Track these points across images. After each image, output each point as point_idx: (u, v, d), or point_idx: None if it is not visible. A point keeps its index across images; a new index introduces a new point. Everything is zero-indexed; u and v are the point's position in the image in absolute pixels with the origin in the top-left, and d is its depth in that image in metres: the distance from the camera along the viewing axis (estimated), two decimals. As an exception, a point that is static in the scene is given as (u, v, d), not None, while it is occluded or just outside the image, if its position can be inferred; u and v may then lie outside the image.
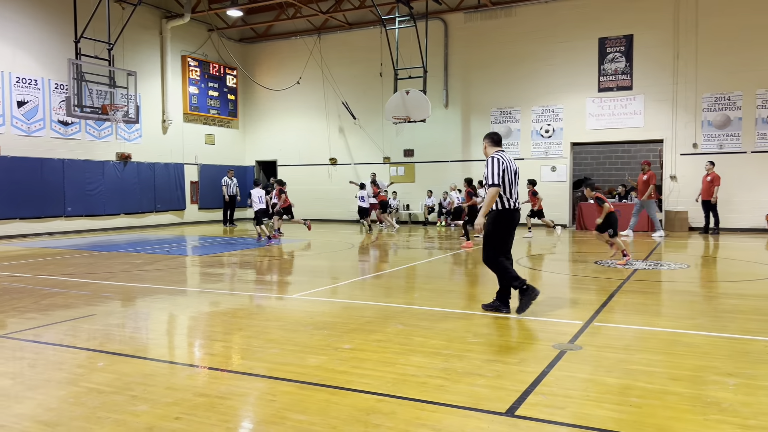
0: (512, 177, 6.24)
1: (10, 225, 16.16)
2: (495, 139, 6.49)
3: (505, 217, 6.21)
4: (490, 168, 6.18)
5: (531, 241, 14.50)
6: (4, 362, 4.68)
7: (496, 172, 6.12)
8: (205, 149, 22.32)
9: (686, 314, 6.24)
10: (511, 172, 6.24)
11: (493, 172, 6.13)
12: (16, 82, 16.26)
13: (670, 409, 3.58)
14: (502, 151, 6.39)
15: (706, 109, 17.09)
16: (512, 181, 6.24)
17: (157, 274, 9.42)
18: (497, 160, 6.17)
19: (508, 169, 6.21)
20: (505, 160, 6.24)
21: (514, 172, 6.30)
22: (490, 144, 6.46)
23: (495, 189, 6.11)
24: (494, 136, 6.50)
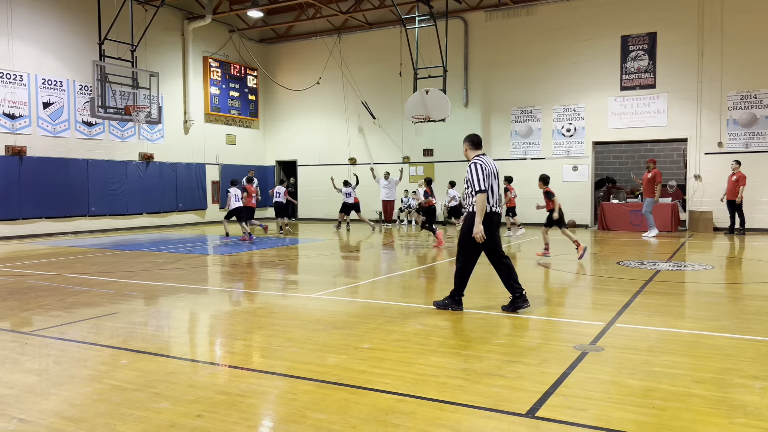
0: (493, 181, 6.31)
1: (36, 224, 16.45)
2: (475, 141, 6.53)
3: (490, 221, 6.24)
4: (474, 173, 6.19)
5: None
6: (30, 359, 4.77)
7: (482, 178, 6.16)
8: (226, 149, 22.50)
9: (710, 316, 6.15)
10: (492, 175, 6.30)
11: (478, 177, 6.15)
12: (42, 83, 16.56)
13: (693, 411, 3.53)
14: (483, 154, 6.44)
15: (731, 107, 16.81)
16: (493, 185, 6.31)
17: (178, 272, 9.52)
18: (480, 166, 6.21)
19: (490, 174, 6.27)
20: (487, 163, 6.30)
21: (496, 175, 6.38)
22: (471, 147, 6.51)
23: (483, 194, 6.15)
24: (474, 139, 6.55)
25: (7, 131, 15.76)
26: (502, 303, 6.84)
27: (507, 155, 19.78)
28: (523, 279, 8.53)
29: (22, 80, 16.09)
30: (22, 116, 16.06)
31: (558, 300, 7.04)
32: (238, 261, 11.22)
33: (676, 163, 21.58)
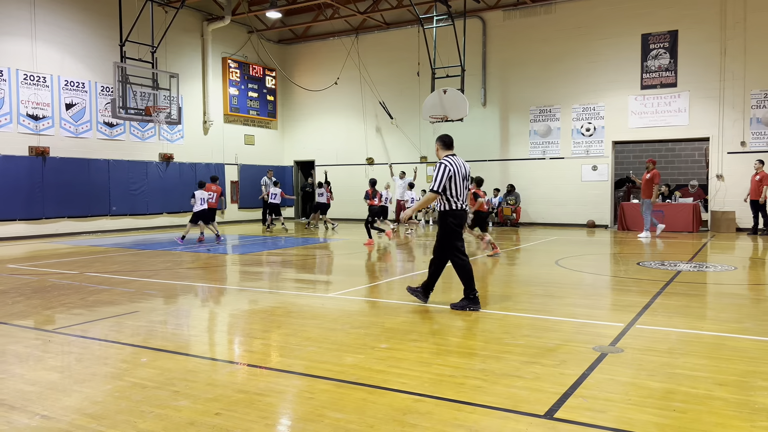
0: (461, 181, 6.47)
1: (58, 224, 16.71)
2: (446, 142, 6.68)
3: (455, 217, 6.46)
4: (436, 173, 6.41)
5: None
6: (53, 356, 4.85)
7: (442, 179, 6.35)
8: (245, 149, 22.66)
9: (733, 317, 6.05)
10: (459, 176, 6.45)
11: (438, 178, 6.35)
12: (65, 85, 16.81)
13: (715, 414, 3.48)
14: (453, 155, 6.56)
15: (755, 105, 16.55)
16: (460, 184, 6.47)
17: (198, 272, 9.60)
18: (444, 167, 6.38)
19: (456, 173, 6.42)
20: (454, 164, 6.43)
21: (464, 176, 6.52)
22: (442, 147, 6.67)
23: (433, 195, 6.43)
24: (446, 139, 6.69)
25: (31, 132, 16.02)
26: (521, 304, 6.81)
27: (525, 155, 19.66)
28: (541, 280, 8.49)
29: (45, 82, 16.35)
30: (45, 117, 16.32)
31: (577, 301, 6.98)
32: (256, 260, 11.29)
33: (697, 163, 21.30)
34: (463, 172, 6.52)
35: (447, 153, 6.58)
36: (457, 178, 6.42)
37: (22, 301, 7.15)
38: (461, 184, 6.46)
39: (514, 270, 9.92)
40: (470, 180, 6.76)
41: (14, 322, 6.07)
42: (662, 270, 9.28)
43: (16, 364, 4.63)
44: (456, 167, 6.43)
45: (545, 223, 19.28)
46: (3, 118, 15.44)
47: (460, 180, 6.45)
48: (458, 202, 6.45)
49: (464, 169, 6.56)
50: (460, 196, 6.47)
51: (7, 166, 15.43)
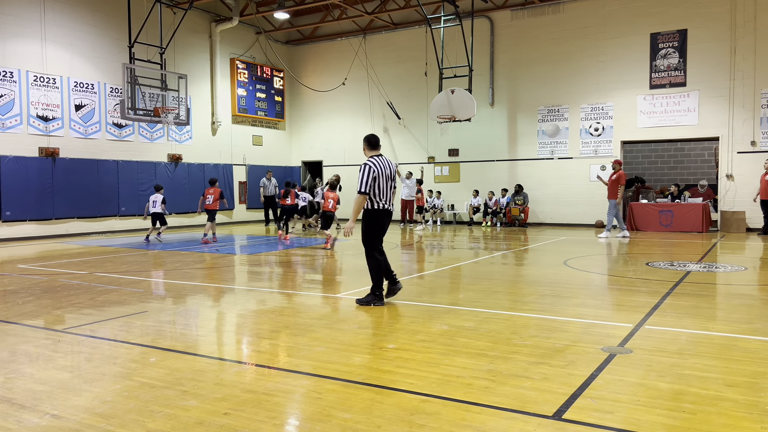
0: (384, 181, 6.57)
1: (68, 224, 16.82)
2: (372, 142, 6.76)
3: (377, 216, 6.62)
4: (360, 174, 6.51)
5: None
6: (63, 356, 4.88)
7: (366, 181, 6.47)
8: (253, 150, 22.72)
9: (743, 318, 6.01)
10: (383, 176, 6.54)
11: (363, 179, 6.47)
12: (74, 86, 16.91)
13: (725, 416, 3.46)
14: (379, 155, 6.67)
15: (765, 105, 16.43)
16: (385, 185, 6.58)
17: (206, 272, 9.64)
18: (368, 168, 6.48)
19: (380, 174, 6.51)
20: (377, 164, 6.53)
21: (388, 176, 6.62)
22: (367, 147, 6.75)
23: (362, 197, 6.53)
24: (371, 139, 6.78)
25: (41, 133, 16.13)
26: (529, 305, 6.79)
27: (534, 155, 19.61)
28: (549, 280, 8.47)
29: (55, 83, 16.46)
30: (55, 118, 16.43)
31: (585, 301, 6.96)
32: (265, 260, 11.32)
33: (707, 163, 21.17)
34: (387, 172, 6.65)
35: (372, 153, 6.70)
36: (380, 179, 6.56)
37: (33, 301, 7.20)
38: (385, 185, 6.62)
39: (522, 270, 9.89)
40: (394, 179, 6.81)
41: (24, 321, 6.11)
42: (671, 270, 9.23)
43: (26, 363, 4.66)
44: (380, 168, 6.57)
45: (554, 223, 19.22)
46: (13, 120, 15.56)
47: (384, 180, 6.60)
48: (381, 202, 6.62)
49: (389, 169, 6.70)
50: (383, 196, 6.63)
51: (17, 167, 15.55)
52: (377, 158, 6.63)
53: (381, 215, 6.65)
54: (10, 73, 15.48)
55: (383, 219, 6.69)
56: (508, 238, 15.32)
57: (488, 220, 19.59)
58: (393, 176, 6.75)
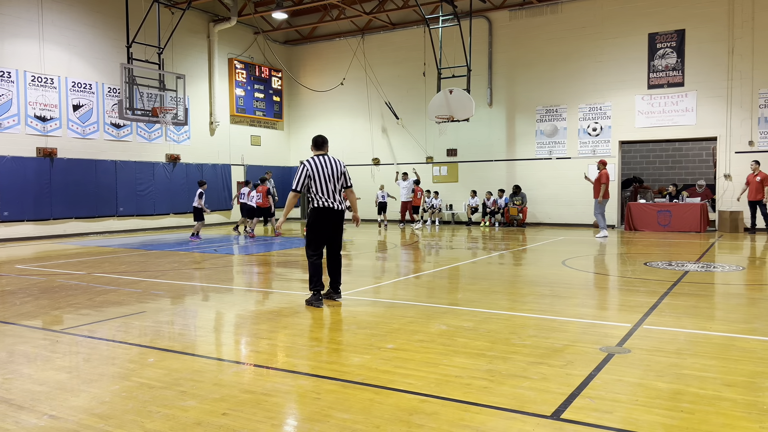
0: (326, 178, 6.65)
1: (66, 224, 16.80)
2: (317, 142, 6.88)
3: (318, 215, 6.69)
4: (296, 173, 6.70)
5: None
6: (61, 356, 4.87)
7: (299, 179, 6.63)
8: (251, 150, 22.71)
9: (741, 318, 6.02)
10: (322, 175, 6.64)
11: (296, 178, 6.65)
12: (72, 86, 16.89)
13: (723, 415, 3.46)
14: (321, 155, 6.78)
15: (763, 105, 16.46)
16: (324, 183, 6.64)
17: (205, 272, 9.63)
18: (303, 167, 6.65)
19: (317, 173, 6.62)
20: (314, 163, 6.66)
21: (329, 175, 6.68)
22: (312, 147, 6.89)
23: (293, 194, 6.65)
24: (316, 140, 6.89)
25: (39, 133, 16.11)
26: (527, 305, 6.80)
27: (532, 155, 19.62)
28: (548, 280, 8.47)
29: (53, 83, 16.43)
30: (53, 119, 16.41)
31: (584, 301, 6.96)
32: (263, 261, 11.31)
33: (705, 163, 21.21)
34: (328, 171, 6.69)
35: (316, 153, 6.82)
36: (317, 177, 6.63)
37: (31, 302, 7.19)
38: (324, 183, 6.65)
39: (521, 270, 9.89)
40: (341, 178, 6.82)
41: (22, 322, 6.10)
42: (670, 270, 9.24)
43: (24, 364, 4.65)
44: (317, 166, 6.66)
45: (552, 223, 19.24)
46: (11, 120, 15.53)
47: (323, 179, 6.65)
48: (321, 200, 6.65)
49: (331, 168, 6.72)
50: (324, 194, 6.66)
51: (15, 168, 15.52)
52: (317, 157, 6.74)
53: (322, 213, 6.67)
54: (8, 73, 15.46)
55: (324, 217, 6.69)
56: (507, 238, 15.33)
57: (486, 220, 19.60)
58: (338, 175, 6.74)
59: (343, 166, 6.89)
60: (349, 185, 6.96)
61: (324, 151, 6.88)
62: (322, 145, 6.87)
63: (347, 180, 6.91)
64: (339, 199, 6.78)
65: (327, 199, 6.67)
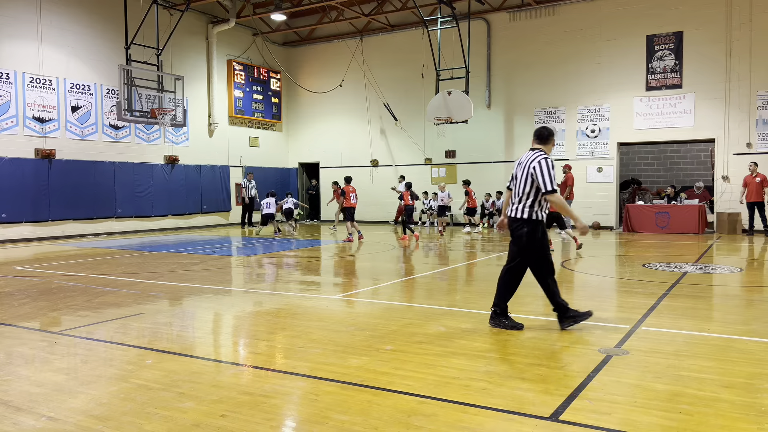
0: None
1: (64, 226, 16.77)
2: (542, 135, 5.75)
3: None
4: (548, 169, 5.48)
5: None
6: (59, 358, 4.86)
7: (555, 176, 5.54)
8: (250, 152, 22.70)
9: (739, 319, 6.03)
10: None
11: (552, 175, 5.49)
12: (71, 87, 16.88)
13: (721, 417, 3.47)
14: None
15: (760, 107, 16.49)
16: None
17: (203, 274, 9.62)
18: (551, 163, 5.53)
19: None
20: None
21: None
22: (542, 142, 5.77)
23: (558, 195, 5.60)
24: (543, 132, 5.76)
25: (37, 135, 16.09)
26: (526, 306, 6.80)
27: (530, 156, 19.61)
28: (546, 281, 8.46)
29: (51, 84, 16.42)
30: (51, 120, 16.39)
31: (582, 302, 6.96)
32: (261, 262, 11.31)
33: (703, 164, 21.23)
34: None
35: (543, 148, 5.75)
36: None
37: (29, 303, 7.18)
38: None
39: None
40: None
41: (20, 323, 6.09)
42: (668, 272, 9.24)
43: (22, 365, 4.64)
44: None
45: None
46: (9, 121, 15.52)
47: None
48: (541, 210, 5.62)
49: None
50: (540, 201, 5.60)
51: (13, 169, 15.50)
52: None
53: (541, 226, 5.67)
54: (6, 74, 15.44)
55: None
56: (505, 240, 15.33)
57: (485, 221, 19.60)
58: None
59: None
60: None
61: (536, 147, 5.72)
62: (547, 139, 5.75)
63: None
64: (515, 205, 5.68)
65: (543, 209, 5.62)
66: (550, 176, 5.44)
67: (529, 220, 5.53)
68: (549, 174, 5.44)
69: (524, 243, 5.59)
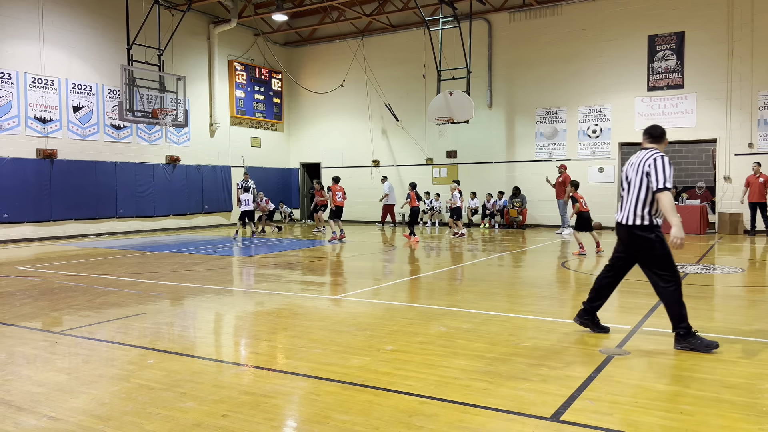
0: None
1: (66, 226, 16.79)
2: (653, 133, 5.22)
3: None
4: (666, 167, 4.93)
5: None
6: (60, 358, 4.87)
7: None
8: (251, 152, 22.71)
9: (740, 319, 6.02)
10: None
11: (670, 172, 4.94)
12: (72, 88, 16.90)
13: (722, 417, 3.46)
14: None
15: (762, 107, 16.47)
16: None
17: (204, 274, 9.63)
18: (669, 160, 4.98)
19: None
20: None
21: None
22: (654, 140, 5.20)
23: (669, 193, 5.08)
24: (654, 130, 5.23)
25: (39, 135, 16.11)
26: (527, 306, 6.80)
27: (532, 156, 19.63)
28: (548, 282, 8.47)
29: (53, 85, 16.44)
30: (53, 120, 16.41)
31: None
32: (262, 262, 11.31)
33: (704, 165, 21.21)
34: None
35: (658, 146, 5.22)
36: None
37: (30, 303, 7.19)
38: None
39: (520, 272, 9.89)
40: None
41: (22, 323, 6.10)
42: (669, 272, 9.22)
43: (23, 365, 4.65)
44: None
45: (551, 224, 19.23)
46: (11, 121, 15.54)
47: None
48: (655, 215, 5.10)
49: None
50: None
51: (15, 169, 15.52)
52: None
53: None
54: (8, 74, 15.46)
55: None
56: (506, 240, 15.33)
57: (486, 221, 19.60)
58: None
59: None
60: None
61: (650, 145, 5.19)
62: (661, 137, 5.20)
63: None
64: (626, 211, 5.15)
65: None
66: (665, 174, 4.86)
67: (651, 226, 5.03)
68: (665, 171, 4.87)
69: (658, 252, 5.07)
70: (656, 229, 5.06)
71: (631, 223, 5.09)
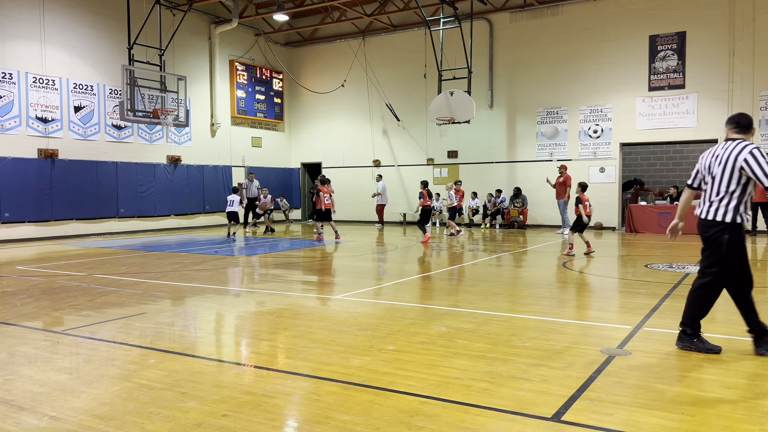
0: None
1: (67, 226, 16.80)
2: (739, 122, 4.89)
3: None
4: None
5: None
6: (61, 358, 4.87)
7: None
8: (252, 152, 22.72)
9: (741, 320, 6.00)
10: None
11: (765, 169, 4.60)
12: (74, 88, 16.91)
13: (724, 418, 3.46)
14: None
15: (764, 107, 16.45)
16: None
17: (205, 274, 9.63)
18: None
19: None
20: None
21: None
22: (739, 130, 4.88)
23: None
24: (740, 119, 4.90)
25: (40, 135, 16.12)
26: (527, 306, 6.79)
27: (533, 156, 19.62)
28: (549, 282, 8.47)
29: (54, 85, 16.45)
30: (54, 120, 16.42)
31: (584, 303, 6.96)
32: (263, 262, 11.32)
33: (706, 165, 21.17)
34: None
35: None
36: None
37: (31, 303, 7.19)
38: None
39: (521, 272, 9.89)
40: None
41: (23, 323, 6.11)
42: (670, 272, 9.23)
43: (24, 365, 4.65)
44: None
45: (552, 225, 19.22)
46: (12, 121, 15.55)
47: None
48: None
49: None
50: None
51: (16, 169, 15.53)
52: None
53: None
54: (10, 74, 15.47)
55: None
56: (507, 240, 15.33)
57: (487, 222, 19.60)
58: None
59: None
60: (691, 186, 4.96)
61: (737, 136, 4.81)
62: (749, 126, 4.82)
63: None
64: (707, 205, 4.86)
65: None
66: (765, 169, 4.50)
67: (733, 224, 4.65)
68: (765, 166, 4.51)
69: (724, 252, 4.73)
70: (737, 228, 4.71)
71: (711, 218, 4.75)
